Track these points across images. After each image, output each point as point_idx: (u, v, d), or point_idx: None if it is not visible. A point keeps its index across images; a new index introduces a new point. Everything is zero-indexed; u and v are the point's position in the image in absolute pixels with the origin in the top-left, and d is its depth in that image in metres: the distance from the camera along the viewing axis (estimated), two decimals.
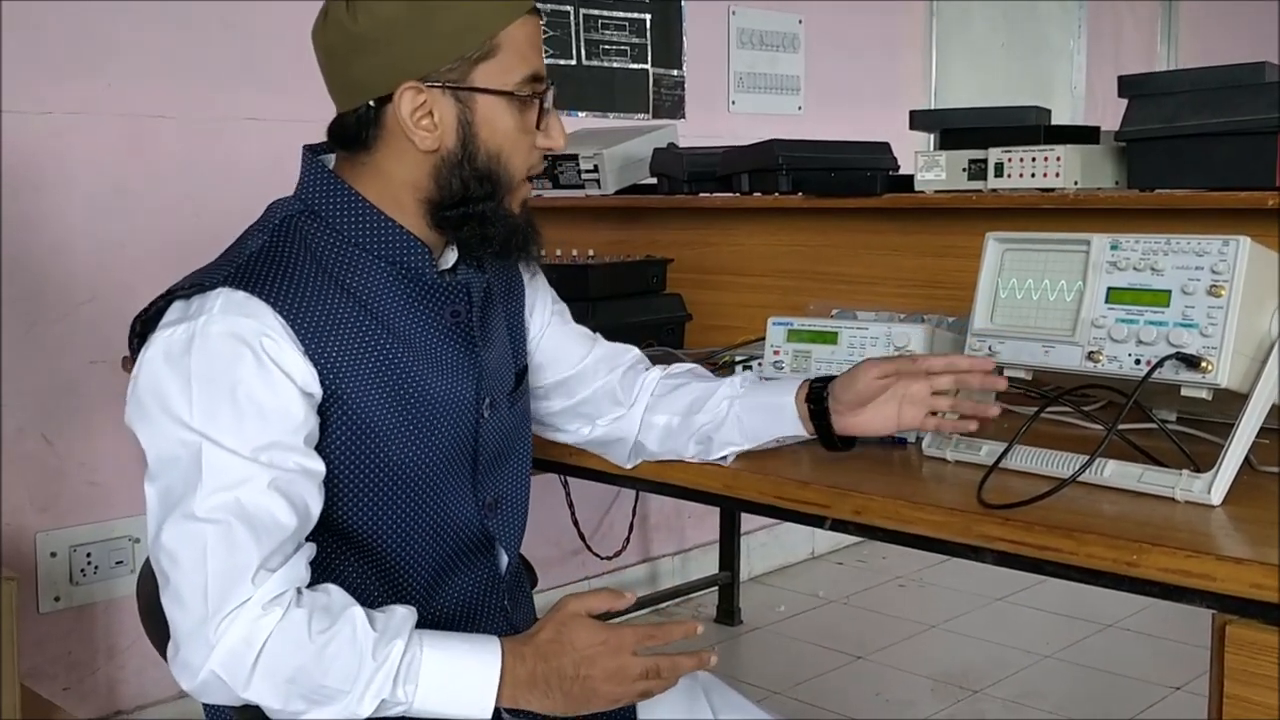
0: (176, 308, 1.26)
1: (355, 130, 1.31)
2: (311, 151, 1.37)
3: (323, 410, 1.27)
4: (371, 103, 1.29)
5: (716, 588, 3.67)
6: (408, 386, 1.31)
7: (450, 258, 1.40)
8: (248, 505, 1.18)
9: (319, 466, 1.25)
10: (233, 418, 1.20)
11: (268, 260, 1.27)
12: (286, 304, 1.24)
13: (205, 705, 1.39)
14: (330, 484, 1.27)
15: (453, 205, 1.32)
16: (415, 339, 1.33)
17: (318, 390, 1.25)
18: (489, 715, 1.22)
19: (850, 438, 1.46)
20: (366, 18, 1.27)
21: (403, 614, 1.24)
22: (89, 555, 2.65)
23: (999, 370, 1.41)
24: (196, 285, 1.26)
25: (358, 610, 1.21)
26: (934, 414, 1.41)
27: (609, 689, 1.25)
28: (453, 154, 1.30)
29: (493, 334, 1.42)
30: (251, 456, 1.19)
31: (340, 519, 1.30)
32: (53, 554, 2.60)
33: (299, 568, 1.22)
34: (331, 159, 1.37)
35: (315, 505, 1.25)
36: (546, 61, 1.43)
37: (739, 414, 1.50)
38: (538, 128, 1.33)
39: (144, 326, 1.29)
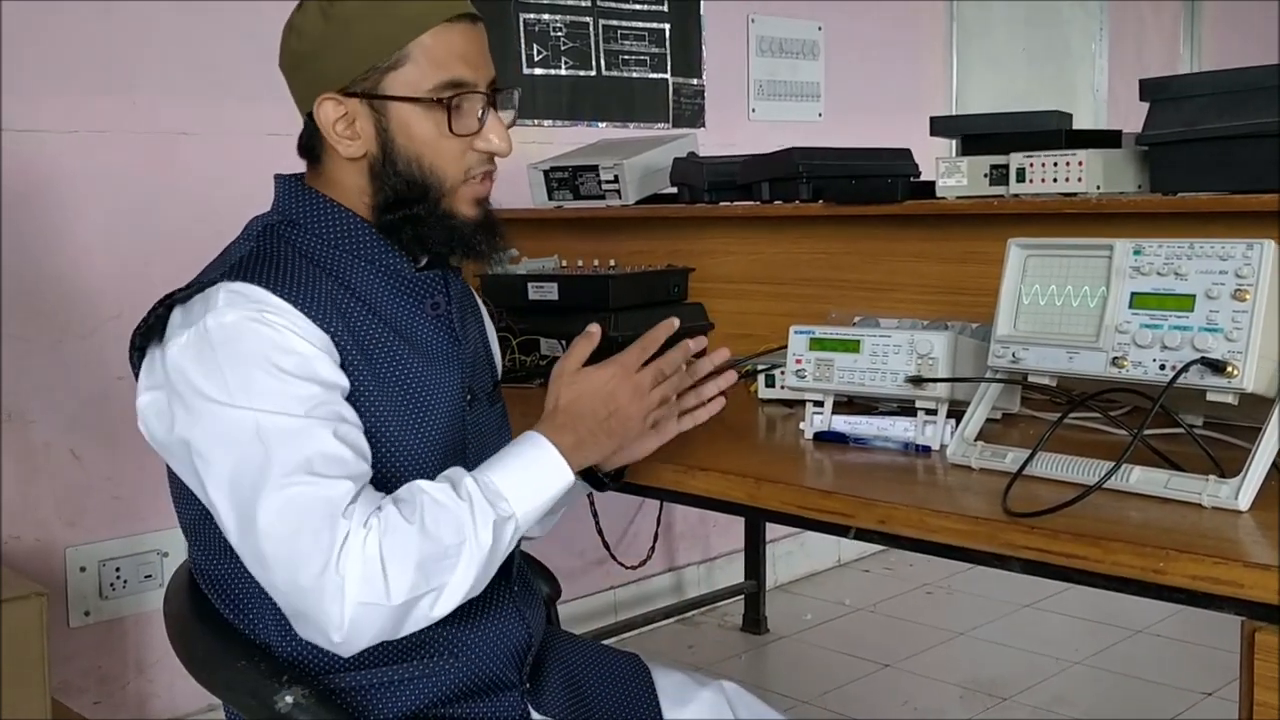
0: (178, 315, 1.29)
1: (308, 143, 1.39)
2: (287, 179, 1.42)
3: None
4: (306, 116, 1.37)
5: (742, 596, 3.66)
6: (405, 376, 1.35)
7: (422, 256, 1.44)
8: (315, 461, 1.22)
9: (359, 421, 1.29)
10: (274, 387, 1.23)
11: (259, 259, 1.31)
12: (287, 289, 1.28)
13: (227, 710, 1.41)
14: None
15: (392, 208, 1.37)
16: (406, 329, 1.37)
17: (336, 355, 1.28)
18: (572, 477, 1.33)
19: (620, 470, 1.50)
20: (296, 37, 1.36)
21: (453, 467, 1.31)
22: (118, 570, 2.66)
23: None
24: (195, 285, 1.29)
25: (421, 482, 1.27)
26: (683, 413, 1.47)
27: (636, 408, 1.37)
28: (378, 160, 1.36)
29: (469, 332, 1.46)
30: (305, 414, 1.23)
31: None
32: (82, 569, 2.62)
33: (372, 493, 1.26)
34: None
35: (369, 453, 1.29)
36: (565, 73, 1.45)
37: None
38: (452, 132, 1.34)
39: (143, 339, 1.32)
